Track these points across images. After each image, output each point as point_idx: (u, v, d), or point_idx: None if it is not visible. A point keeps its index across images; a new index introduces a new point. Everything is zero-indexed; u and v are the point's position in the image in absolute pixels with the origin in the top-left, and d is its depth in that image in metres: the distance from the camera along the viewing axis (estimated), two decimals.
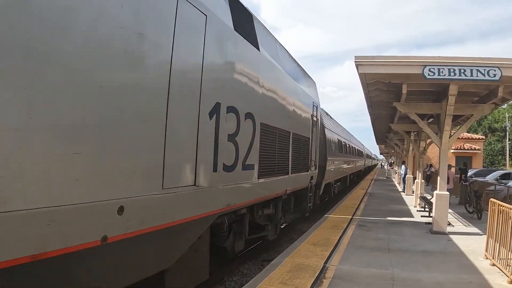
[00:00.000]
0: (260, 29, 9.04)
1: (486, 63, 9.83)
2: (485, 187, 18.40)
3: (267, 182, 9.07)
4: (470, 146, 41.25)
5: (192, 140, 5.64)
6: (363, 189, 29.05)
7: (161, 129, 4.89)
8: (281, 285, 6.84)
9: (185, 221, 5.62)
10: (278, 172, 9.79)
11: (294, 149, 11.06)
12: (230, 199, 7.16)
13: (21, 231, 3.26)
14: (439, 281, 7.41)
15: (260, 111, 8.37)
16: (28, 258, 3.33)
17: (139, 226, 4.58)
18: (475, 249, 9.96)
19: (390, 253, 9.50)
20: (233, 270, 9.90)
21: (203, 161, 5.95)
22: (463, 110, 12.76)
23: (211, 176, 6.30)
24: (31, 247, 3.36)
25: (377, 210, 17.49)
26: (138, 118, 4.50)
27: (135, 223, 4.51)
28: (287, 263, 8.22)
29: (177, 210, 5.41)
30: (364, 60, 10.38)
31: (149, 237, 4.80)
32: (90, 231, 3.93)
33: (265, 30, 9.61)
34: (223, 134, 6.60)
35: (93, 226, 3.97)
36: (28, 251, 3.35)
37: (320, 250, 9.45)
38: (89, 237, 3.92)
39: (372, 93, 13.51)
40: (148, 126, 4.68)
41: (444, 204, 11.96)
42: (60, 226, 3.59)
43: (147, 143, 4.67)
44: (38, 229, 3.39)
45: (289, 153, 10.62)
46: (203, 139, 5.89)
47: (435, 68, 9.95)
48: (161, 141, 4.88)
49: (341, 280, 7.25)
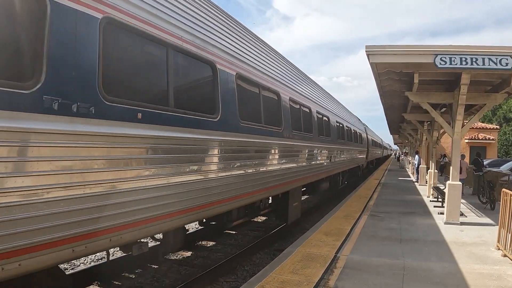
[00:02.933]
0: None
1: (498, 51, 9.70)
2: (499, 177, 18.22)
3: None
4: (484, 136, 40.82)
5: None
6: (377, 179, 28.97)
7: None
8: (292, 274, 6.92)
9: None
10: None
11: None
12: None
13: None
14: (450, 271, 7.43)
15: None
16: None
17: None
18: (487, 239, 9.94)
19: (402, 243, 9.52)
20: (245, 259, 10.00)
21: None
22: (475, 100, 12.64)
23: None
24: None
25: (390, 200, 17.50)
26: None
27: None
28: (299, 253, 8.30)
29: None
30: (375, 50, 10.30)
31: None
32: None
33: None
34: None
35: None
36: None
37: (331, 240, 9.51)
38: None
39: (384, 82, 13.44)
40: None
41: (457, 194, 11.90)
42: None
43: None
44: None
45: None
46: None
47: (446, 57, 9.86)
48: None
49: (352, 270, 7.31)
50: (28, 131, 3.53)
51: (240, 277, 8.87)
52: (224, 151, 7.02)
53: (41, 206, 3.66)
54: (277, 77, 10.04)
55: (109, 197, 4.41)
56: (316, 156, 13.72)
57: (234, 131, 7.33)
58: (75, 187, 4.00)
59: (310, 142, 12.76)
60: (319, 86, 16.31)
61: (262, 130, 8.66)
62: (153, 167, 5.13)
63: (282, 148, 9.98)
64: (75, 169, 3.99)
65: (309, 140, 12.63)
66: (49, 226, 3.77)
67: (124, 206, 4.65)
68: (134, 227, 4.88)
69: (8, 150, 3.41)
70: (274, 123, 9.47)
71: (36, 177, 3.63)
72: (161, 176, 5.31)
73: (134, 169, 4.79)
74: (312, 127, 13.15)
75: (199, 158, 6.28)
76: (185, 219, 6.02)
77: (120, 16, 4.66)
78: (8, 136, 3.38)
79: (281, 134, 9.82)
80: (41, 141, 3.64)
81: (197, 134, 6.14)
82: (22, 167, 3.53)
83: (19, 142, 3.49)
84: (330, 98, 19.05)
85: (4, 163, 3.39)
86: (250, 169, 8.11)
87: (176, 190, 5.65)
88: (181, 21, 5.91)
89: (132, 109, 4.77)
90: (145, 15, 5.07)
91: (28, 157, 3.56)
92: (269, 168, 9.13)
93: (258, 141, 8.45)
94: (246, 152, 7.97)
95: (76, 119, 3.97)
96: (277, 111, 9.93)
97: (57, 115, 3.78)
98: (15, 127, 3.41)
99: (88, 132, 4.10)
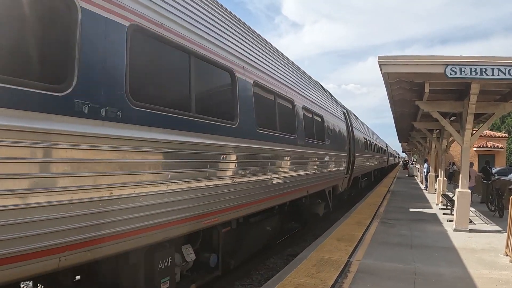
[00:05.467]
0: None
1: (507, 62, 9.91)
2: (507, 185, 18.33)
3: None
4: (493, 144, 40.85)
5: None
6: (386, 187, 29.12)
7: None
8: (307, 278, 7.17)
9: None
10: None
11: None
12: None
13: None
14: (459, 275, 7.65)
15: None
16: None
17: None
18: (496, 246, 10.14)
19: (413, 249, 9.75)
20: (259, 264, 10.25)
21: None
22: (484, 108, 12.86)
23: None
24: None
25: (399, 207, 17.71)
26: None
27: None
28: (313, 257, 8.55)
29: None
30: (387, 60, 10.58)
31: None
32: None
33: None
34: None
35: None
36: None
37: (344, 245, 9.75)
38: None
39: (395, 91, 13.67)
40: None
41: (466, 202, 12.09)
42: None
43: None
44: None
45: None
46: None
47: (456, 67, 10.10)
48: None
49: (365, 274, 7.55)
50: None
51: (255, 281, 9.11)
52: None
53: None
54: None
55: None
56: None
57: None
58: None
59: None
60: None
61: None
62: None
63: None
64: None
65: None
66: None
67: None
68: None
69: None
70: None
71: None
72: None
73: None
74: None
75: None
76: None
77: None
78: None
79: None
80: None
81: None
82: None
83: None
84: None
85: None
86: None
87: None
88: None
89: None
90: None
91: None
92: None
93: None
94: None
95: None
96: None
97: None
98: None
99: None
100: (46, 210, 3.58)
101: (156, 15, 5.06)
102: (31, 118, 3.43)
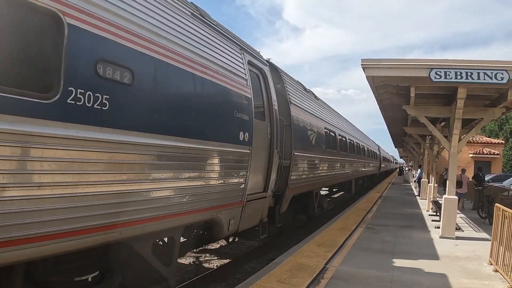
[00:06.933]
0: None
1: (493, 66, 9.71)
2: (498, 192, 18.12)
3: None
4: (489, 150, 40.61)
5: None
6: (379, 192, 28.88)
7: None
8: (278, 283, 6.95)
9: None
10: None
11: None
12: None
13: None
14: (438, 284, 7.43)
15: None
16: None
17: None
18: (481, 254, 9.87)
19: (394, 255, 9.51)
20: (238, 267, 10.04)
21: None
22: (473, 114, 12.64)
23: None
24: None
25: (389, 213, 17.45)
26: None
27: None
28: (289, 262, 8.33)
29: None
30: (370, 63, 10.36)
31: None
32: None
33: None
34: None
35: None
36: None
37: (323, 251, 9.52)
38: None
39: (383, 96, 13.49)
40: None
41: (453, 209, 11.86)
42: None
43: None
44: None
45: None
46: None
47: (441, 71, 9.88)
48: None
49: (339, 280, 7.33)
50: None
51: (231, 285, 8.85)
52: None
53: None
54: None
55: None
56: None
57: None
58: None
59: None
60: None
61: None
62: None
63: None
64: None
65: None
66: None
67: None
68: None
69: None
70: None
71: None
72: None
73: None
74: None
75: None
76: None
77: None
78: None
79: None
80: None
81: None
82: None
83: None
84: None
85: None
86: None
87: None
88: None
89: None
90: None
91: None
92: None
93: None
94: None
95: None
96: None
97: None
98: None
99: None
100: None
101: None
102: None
